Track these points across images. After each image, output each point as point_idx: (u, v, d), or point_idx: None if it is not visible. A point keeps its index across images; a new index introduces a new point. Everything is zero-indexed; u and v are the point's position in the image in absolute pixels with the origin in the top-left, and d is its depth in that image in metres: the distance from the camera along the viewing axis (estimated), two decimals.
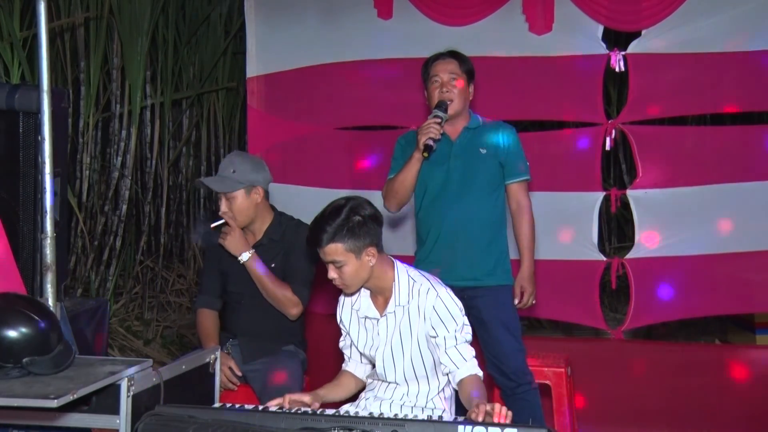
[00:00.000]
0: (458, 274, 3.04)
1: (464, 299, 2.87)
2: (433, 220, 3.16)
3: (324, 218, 2.41)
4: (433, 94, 3.15)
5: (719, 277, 3.99)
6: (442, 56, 3.19)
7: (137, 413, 2.09)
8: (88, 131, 5.16)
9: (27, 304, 2.16)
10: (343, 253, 2.38)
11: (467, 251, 3.10)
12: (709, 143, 4.12)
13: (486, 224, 3.14)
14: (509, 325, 3.12)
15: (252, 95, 4.51)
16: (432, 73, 3.17)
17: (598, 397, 3.90)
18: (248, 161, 3.16)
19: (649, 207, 4.03)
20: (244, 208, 3.12)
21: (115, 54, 5.31)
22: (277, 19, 4.45)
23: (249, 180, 3.10)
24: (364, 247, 2.40)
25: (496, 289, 3.13)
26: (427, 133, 3.01)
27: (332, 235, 2.37)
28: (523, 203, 3.20)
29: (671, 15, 3.92)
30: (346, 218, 2.38)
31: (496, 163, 3.16)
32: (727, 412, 3.84)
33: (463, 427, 1.96)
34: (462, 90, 3.15)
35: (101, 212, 5.30)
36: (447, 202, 3.13)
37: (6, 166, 3.45)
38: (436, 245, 3.13)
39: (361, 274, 2.43)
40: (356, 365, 2.67)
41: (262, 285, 3.10)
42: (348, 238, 2.37)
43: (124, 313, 5.42)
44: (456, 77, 3.13)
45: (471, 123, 3.20)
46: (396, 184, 3.13)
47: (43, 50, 2.65)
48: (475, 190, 3.13)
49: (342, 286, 2.47)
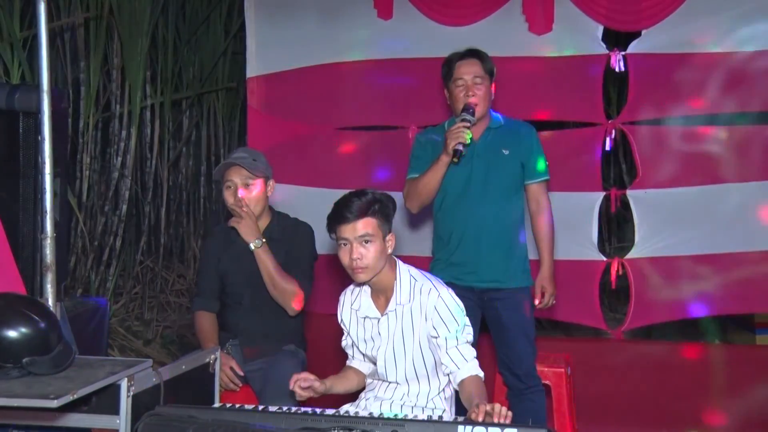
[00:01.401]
0: (481, 276, 3.05)
1: (483, 300, 2.87)
2: (456, 220, 3.14)
3: (352, 196, 2.44)
4: (458, 97, 3.12)
5: (719, 278, 3.99)
6: (465, 57, 3.15)
7: (137, 413, 2.09)
8: (88, 131, 5.16)
9: (27, 304, 2.15)
10: (375, 227, 2.41)
11: (491, 252, 3.10)
12: (709, 143, 4.12)
13: (509, 225, 3.14)
14: (526, 329, 3.13)
15: (252, 95, 4.51)
16: (456, 75, 3.13)
17: (598, 397, 3.90)
18: (261, 156, 3.18)
19: (649, 207, 4.03)
20: (260, 198, 3.12)
21: (115, 54, 5.31)
22: (277, 19, 4.45)
23: (268, 172, 3.13)
24: (388, 231, 2.45)
25: (516, 292, 3.13)
26: (456, 138, 2.98)
27: (366, 209, 2.40)
28: (543, 203, 3.20)
29: (671, 15, 3.92)
30: (374, 198, 2.43)
31: (518, 163, 3.16)
32: (727, 412, 3.84)
33: (463, 427, 1.96)
34: (486, 91, 3.13)
35: (101, 212, 5.30)
36: (470, 203, 3.11)
37: (6, 166, 3.46)
38: (460, 246, 3.12)
39: (382, 258, 2.44)
40: (360, 363, 2.68)
41: (270, 275, 3.05)
42: (380, 215, 2.42)
43: (124, 313, 5.42)
44: (481, 79, 3.11)
45: (492, 123, 3.19)
46: (420, 186, 3.11)
47: (43, 50, 2.65)
48: (499, 191, 3.12)
49: (362, 269, 2.42)
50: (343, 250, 2.44)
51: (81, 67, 5.12)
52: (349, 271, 2.46)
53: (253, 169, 3.07)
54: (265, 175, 3.12)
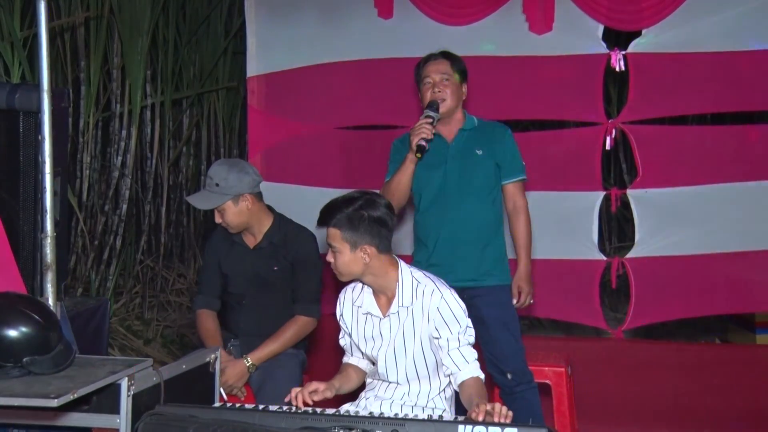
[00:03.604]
0: (458, 275, 3.03)
1: (464, 299, 2.87)
2: (432, 222, 3.15)
3: (336, 203, 2.47)
4: (425, 95, 3.15)
5: (719, 277, 3.99)
6: (434, 57, 3.20)
7: (137, 413, 2.09)
8: (88, 131, 5.16)
9: (27, 303, 2.15)
10: (339, 240, 2.43)
11: (467, 252, 3.11)
12: (709, 143, 4.12)
13: (485, 225, 3.15)
14: (509, 325, 3.12)
15: (252, 95, 4.51)
16: (424, 74, 3.17)
17: (598, 396, 3.90)
18: (232, 171, 3.10)
19: (650, 206, 4.03)
20: (235, 217, 3.12)
21: (115, 53, 5.31)
22: (277, 19, 4.45)
23: (234, 191, 3.08)
24: (361, 244, 2.43)
25: (496, 289, 3.13)
26: (419, 134, 3.01)
27: (335, 221, 2.43)
28: (519, 203, 3.20)
29: (671, 15, 3.92)
30: (353, 211, 2.43)
31: (493, 163, 3.16)
32: (727, 412, 3.84)
33: (463, 426, 1.96)
34: (454, 90, 3.14)
35: (101, 212, 5.30)
36: (446, 205, 3.13)
37: (6, 166, 3.45)
38: (436, 247, 3.13)
39: (352, 267, 2.46)
40: (358, 360, 2.67)
41: (281, 351, 3.12)
42: (347, 229, 2.42)
43: (124, 312, 5.42)
44: (448, 77, 3.13)
45: (466, 124, 3.21)
46: (393, 186, 3.13)
47: (43, 50, 2.65)
48: (474, 192, 3.13)
49: (335, 270, 2.50)
50: None
51: (81, 66, 5.13)
52: None
53: (206, 203, 3.11)
54: (232, 194, 3.08)
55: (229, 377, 3.04)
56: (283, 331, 3.12)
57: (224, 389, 3.00)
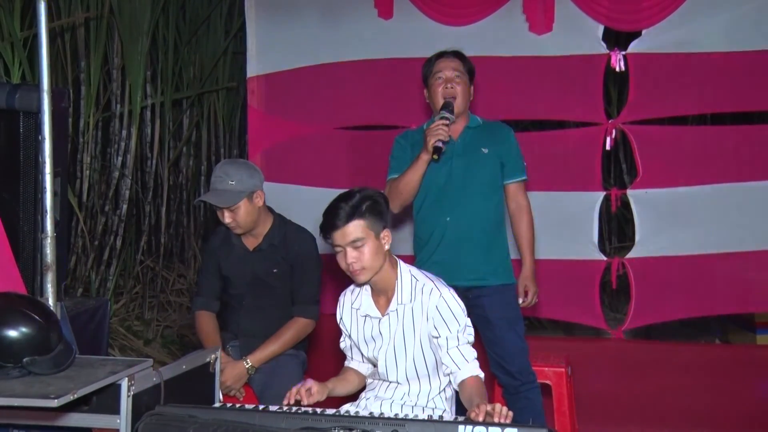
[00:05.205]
0: (462, 275, 3.03)
1: (468, 299, 2.87)
2: (436, 220, 3.14)
3: (339, 201, 2.43)
4: (436, 91, 3.13)
5: (719, 277, 4.00)
6: (446, 54, 3.19)
7: (137, 413, 2.09)
8: (88, 131, 5.16)
9: (27, 304, 2.15)
10: (364, 229, 2.39)
11: (471, 251, 3.09)
12: (710, 143, 4.13)
13: (489, 224, 3.14)
14: (514, 324, 3.12)
15: (252, 95, 4.51)
16: (435, 69, 3.15)
17: (598, 397, 3.90)
18: (243, 168, 3.11)
19: (650, 207, 4.03)
20: (248, 216, 3.09)
21: (115, 54, 5.31)
22: (277, 19, 4.46)
23: (249, 187, 3.07)
24: (382, 228, 2.43)
25: (500, 288, 3.13)
26: (436, 135, 2.97)
27: (352, 213, 2.39)
28: (522, 203, 3.20)
29: (671, 15, 3.92)
30: (361, 199, 2.41)
31: (498, 162, 3.16)
32: (727, 412, 3.84)
33: (463, 426, 1.96)
34: (464, 89, 3.14)
35: (101, 212, 5.30)
36: (450, 202, 3.11)
37: (6, 166, 3.45)
38: (440, 246, 3.12)
39: (379, 256, 2.43)
40: (359, 364, 2.67)
41: (280, 352, 3.12)
42: (368, 216, 2.40)
43: (124, 312, 5.42)
44: (459, 74, 3.13)
45: (471, 122, 3.21)
46: (401, 185, 3.10)
47: (43, 50, 2.65)
48: (478, 190, 3.12)
49: (360, 271, 2.42)
50: (339, 255, 2.45)
51: (81, 66, 5.13)
52: (348, 273, 2.47)
53: (225, 200, 3.04)
54: (247, 191, 3.06)
55: (228, 378, 3.04)
56: (283, 332, 3.12)
57: (222, 390, 3.00)
